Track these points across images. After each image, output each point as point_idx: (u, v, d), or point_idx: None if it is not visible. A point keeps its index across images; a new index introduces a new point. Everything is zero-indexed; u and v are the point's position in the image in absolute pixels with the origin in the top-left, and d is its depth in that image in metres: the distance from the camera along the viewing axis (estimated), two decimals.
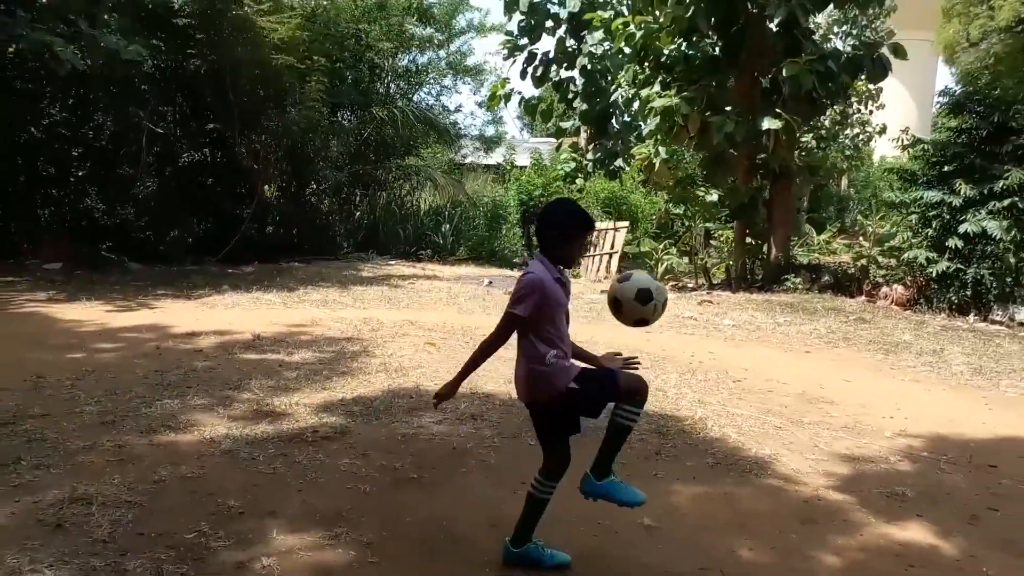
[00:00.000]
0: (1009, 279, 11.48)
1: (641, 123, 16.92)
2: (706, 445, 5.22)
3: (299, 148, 15.78)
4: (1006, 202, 11.11)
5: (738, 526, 3.99)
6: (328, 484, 4.21)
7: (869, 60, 13.88)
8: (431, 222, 18.94)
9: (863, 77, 14.88)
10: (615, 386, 3.20)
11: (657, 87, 14.29)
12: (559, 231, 3.25)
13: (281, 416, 5.28)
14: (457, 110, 28.42)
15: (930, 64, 32.94)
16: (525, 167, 23.54)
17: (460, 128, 26.90)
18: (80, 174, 13.53)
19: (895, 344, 9.14)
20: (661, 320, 3.39)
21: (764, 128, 12.97)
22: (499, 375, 6.73)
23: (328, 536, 3.60)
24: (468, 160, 29.33)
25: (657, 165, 14.58)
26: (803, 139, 22.90)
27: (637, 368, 3.43)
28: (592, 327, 9.47)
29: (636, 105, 16.06)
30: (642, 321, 3.34)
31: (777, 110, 12.98)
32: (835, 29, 21.91)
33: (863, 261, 13.38)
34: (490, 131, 32.31)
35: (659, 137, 14.25)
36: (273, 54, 13.53)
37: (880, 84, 22.35)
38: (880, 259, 13.50)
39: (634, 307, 3.29)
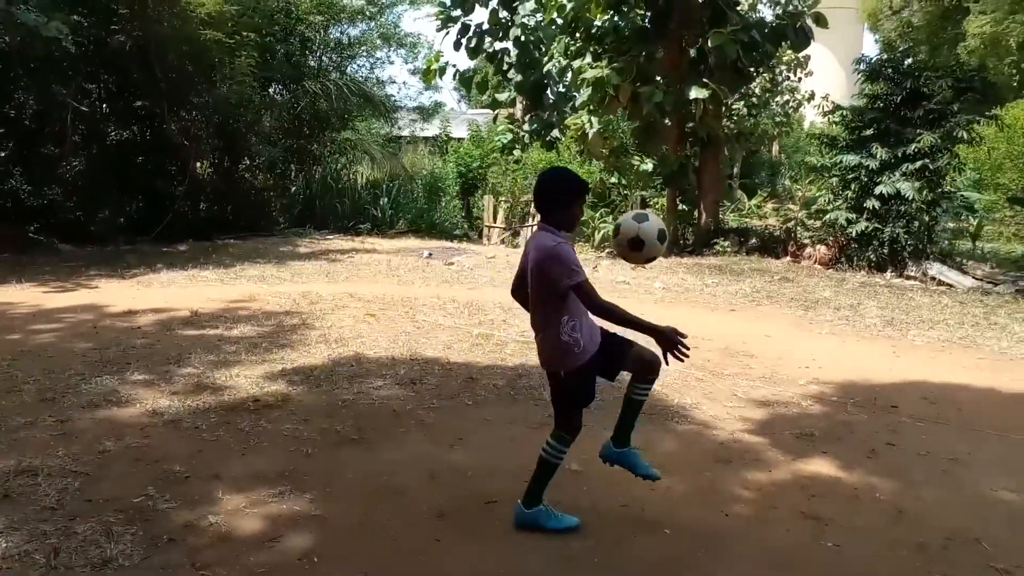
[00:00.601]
0: (923, 237, 12.13)
1: (576, 94, 17.15)
2: None
3: (231, 124, 15.56)
4: (918, 164, 11.72)
5: (659, 467, 4.29)
6: (271, 447, 4.38)
7: (792, 29, 14.33)
8: (369, 196, 18.91)
9: (787, 46, 15.41)
10: (568, 412, 3.48)
11: (588, 58, 14.52)
12: (560, 198, 3.36)
13: (223, 388, 5.39)
14: (391, 82, 28.19)
15: (857, 31, 33.90)
16: (462, 139, 23.62)
17: (395, 100, 26.82)
18: (2, 155, 13.12)
19: (815, 300, 9.64)
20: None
21: (692, 97, 13.33)
22: (438, 342, 6.97)
23: (272, 494, 3.78)
24: (406, 133, 29.23)
25: (590, 135, 14.85)
26: (735, 106, 23.61)
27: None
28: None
29: (569, 76, 16.25)
30: (652, 259, 3.51)
31: (704, 80, 13.34)
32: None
33: (789, 224, 13.93)
34: (426, 102, 32.25)
35: (591, 108, 14.50)
36: (200, 29, 13.29)
37: (808, 52, 23.06)
38: (807, 221, 14.10)
39: (654, 246, 3.39)
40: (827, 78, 26.37)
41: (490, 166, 18.41)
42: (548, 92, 20.98)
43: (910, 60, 12.57)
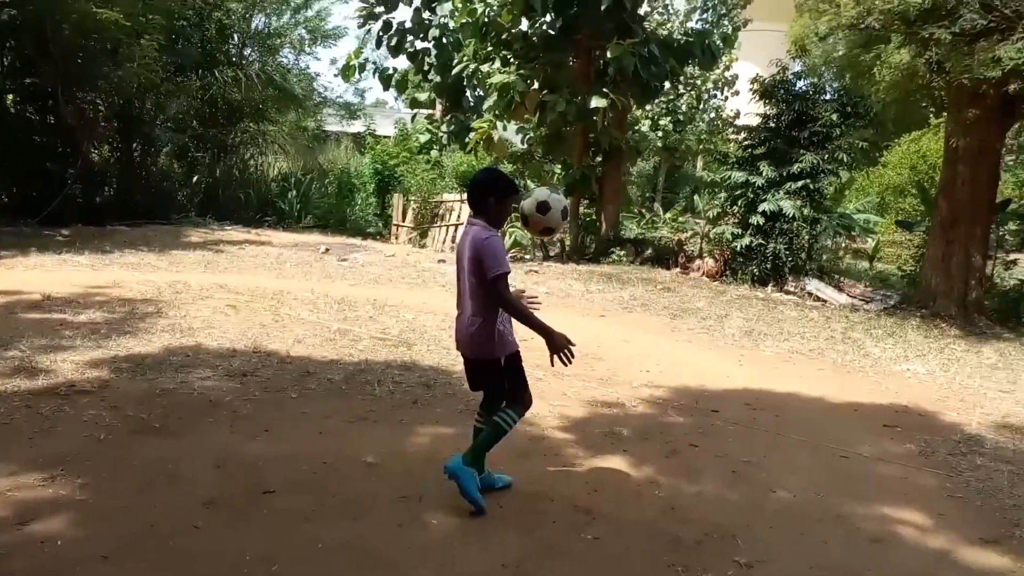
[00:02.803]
0: (803, 254, 12.59)
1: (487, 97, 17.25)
2: (464, 395, 5.57)
3: (132, 108, 15.19)
4: (800, 183, 12.17)
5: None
6: (64, 433, 4.29)
7: (700, 48, 14.74)
8: (278, 188, 18.67)
9: (694, 63, 15.82)
10: (519, 389, 3.81)
11: (498, 63, 14.65)
12: (496, 196, 3.60)
13: (41, 372, 5.26)
14: (316, 76, 27.84)
15: (786, 53, 34.93)
16: (389, 136, 23.49)
17: (319, 94, 26.53)
18: None
19: (686, 310, 9.92)
20: None
21: (592, 107, 13.57)
22: (290, 335, 6.93)
23: (44, 478, 3.71)
24: (332, 128, 28.93)
25: (496, 140, 14.97)
26: (661, 121, 24.12)
27: (538, 307, 3.82)
28: (416, 292, 9.79)
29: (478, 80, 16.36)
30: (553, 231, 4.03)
31: (605, 90, 13.59)
32: (694, 16, 22.97)
33: (680, 236, 14.30)
34: (354, 98, 32.03)
35: (497, 112, 14.61)
36: (97, 8, 12.89)
37: (736, 72, 23.60)
38: (711, 236, 14.46)
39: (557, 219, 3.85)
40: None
41: (400, 164, 18.37)
42: (467, 94, 21.05)
43: (802, 83, 13.02)
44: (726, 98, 24.77)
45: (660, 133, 24.29)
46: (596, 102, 13.43)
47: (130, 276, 9.06)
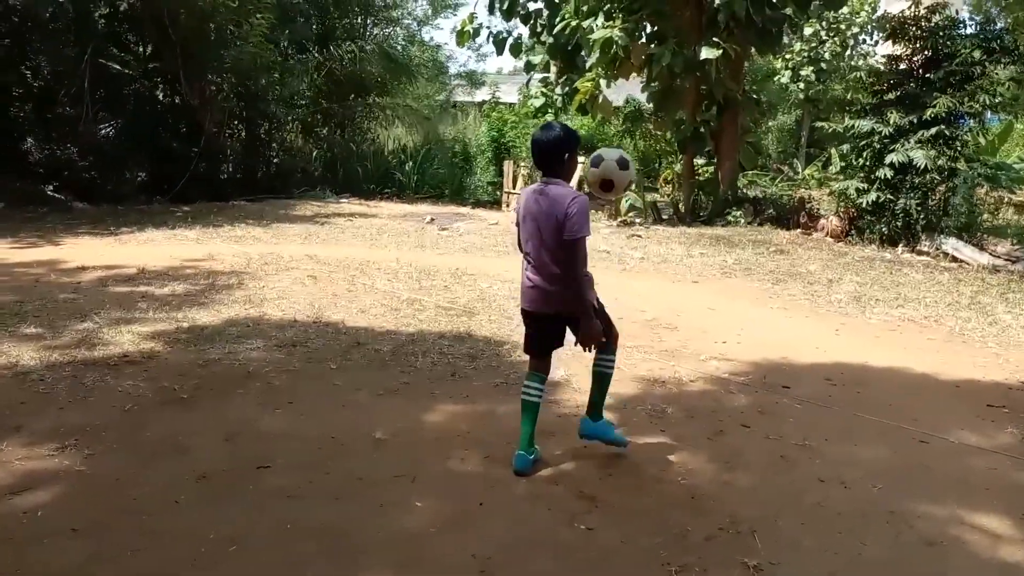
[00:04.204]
0: (936, 210, 11.29)
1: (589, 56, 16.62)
2: (508, 368, 5.35)
3: (251, 86, 15.80)
4: (933, 131, 10.89)
5: (472, 440, 4.14)
6: (96, 403, 4.42)
7: None
8: (395, 160, 18.96)
9: (821, 5, 14.55)
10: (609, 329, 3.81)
11: (601, 18, 14.03)
12: (569, 152, 3.57)
13: (103, 344, 5.48)
14: (438, 48, 28.07)
15: None
16: (513, 104, 23.35)
17: (441, 66, 26.78)
18: (21, 115, 13.64)
19: (793, 274, 9.14)
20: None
21: (703, 58, 12.74)
22: (356, 305, 6.92)
23: (56, 448, 3.81)
24: (460, 98, 29.21)
25: (600, 99, 14.41)
26: (802, 72, 22.52)
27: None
28: (501, 260, 9.60)
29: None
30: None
31: (716, 39, 12.71)
32: None
33: (802, 193, 13.25)
34: (479, 67, 32.16)
35: (600, 70, 14.03)
36: None
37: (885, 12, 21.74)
38: (835, 191, 13.30)
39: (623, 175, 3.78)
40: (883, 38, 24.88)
41: (512, 130, 18.17)
42: (582, 54, 20.43)
43: (938, 17, 11.58)
44: (876, 43, 22.74)
45: (801, 84, 22.71)
46: (707, 53, 12.58)
47: (227, 249, 9.40)
